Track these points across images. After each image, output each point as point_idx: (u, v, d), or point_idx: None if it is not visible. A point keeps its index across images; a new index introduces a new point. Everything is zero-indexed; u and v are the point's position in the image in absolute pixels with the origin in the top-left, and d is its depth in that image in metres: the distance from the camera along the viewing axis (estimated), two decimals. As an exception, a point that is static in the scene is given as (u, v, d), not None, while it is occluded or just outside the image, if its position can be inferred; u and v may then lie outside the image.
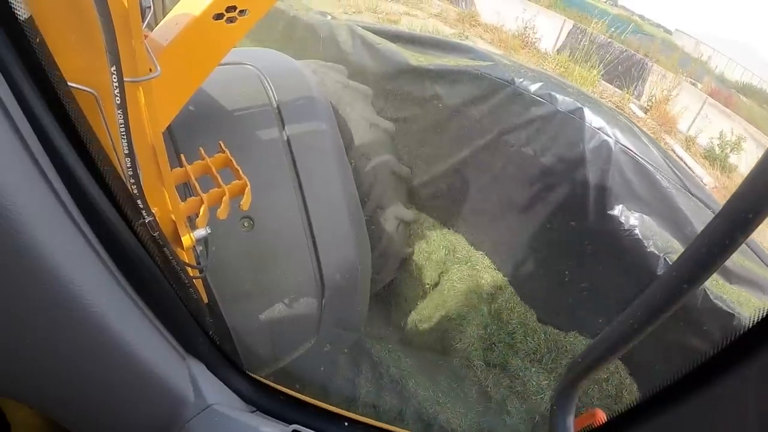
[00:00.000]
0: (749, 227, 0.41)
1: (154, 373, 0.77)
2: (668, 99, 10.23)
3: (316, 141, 2.25)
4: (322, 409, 1.03)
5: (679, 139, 9.68)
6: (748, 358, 0.43)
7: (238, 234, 1.94)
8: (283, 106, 2.17)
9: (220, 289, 1.86)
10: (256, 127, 2.07)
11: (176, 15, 1.26)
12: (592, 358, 0.62)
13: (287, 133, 2.14)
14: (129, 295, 0.73)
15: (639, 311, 0.52)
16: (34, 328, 0.60)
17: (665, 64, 12.04)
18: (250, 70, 2.24)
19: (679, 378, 0.51)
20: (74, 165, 0.64)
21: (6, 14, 0.55)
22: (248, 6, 1.31)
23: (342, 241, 2.28)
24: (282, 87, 2.23)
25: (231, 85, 2.10)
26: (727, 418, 0.47)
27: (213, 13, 1.25)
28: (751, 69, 16.70)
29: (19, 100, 0.56)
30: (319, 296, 2.19)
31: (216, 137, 1.64)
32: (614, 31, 12.73)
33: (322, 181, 2.24)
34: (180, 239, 1.27)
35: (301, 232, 2.12)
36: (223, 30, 1.29)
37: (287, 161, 2.12)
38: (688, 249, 0.47)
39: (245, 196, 1.41)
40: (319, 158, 2.25)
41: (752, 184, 0.41)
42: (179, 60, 1.23)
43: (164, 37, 1.22)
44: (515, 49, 9.60)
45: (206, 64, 1.33)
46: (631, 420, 0.60)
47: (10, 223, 0.50)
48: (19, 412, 0.95)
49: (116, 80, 0.79)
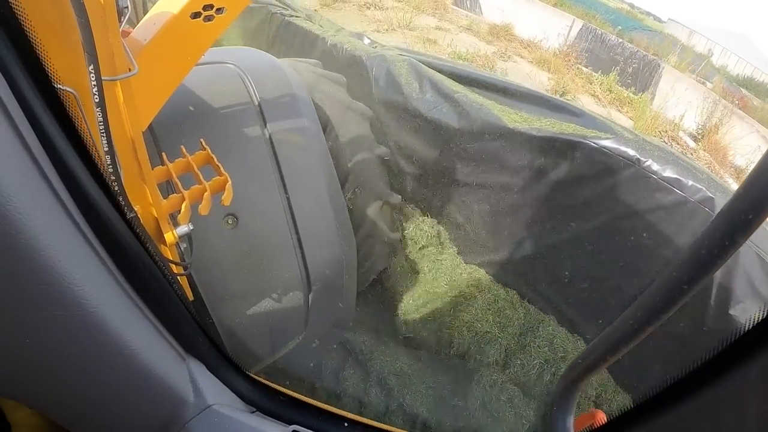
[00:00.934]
0: (749, 228, 0.41)
1: (154, 373, 0.77)
2: (718, 128, 9.62)
3: (298, 138, 2.26)
4: (321, 410, 1.03)
5: (734, 172, 9.06)
6: (748, 358, 0.43)
7: (222, 232, 1.95)
8: (264, 104, 2.18)
9: (206, 287, 1.87)
10: (238, 125, 2.08)
11: (155, 14, 1.28)
12: (593, 359, 0.62)
13: (269, 130, 2.14)
14: (129, 295, 0.73)
15: (639, 312, 0.52)
16: (33, 329, 0.60)
17: (677, 64, 11.75)
18: (231, 68, 2.24)
19: (679, 378, 0.51)
20: (74, 165, 0.64)
21: (6, 14, 0.55)
22: (225, 4, 1.33)
23: (326, 237, 2.29)
24: (263, 85, 2.23)
25: (212, 84, 2.11)
26: (727, 419, 0.47)
27: (190, 12, 1.27)
28: (747, 59, 16.64)
29: (19, 99, 0.56)
30: (306, 291, 2.20)
31: (198, 136, 1.65)
32: (621, 29, 12.54)
33: (306, 177, 2.25)
34: (163, 236, 1.29)
35: (286, 229, 2.13)
36: (200, 28, 1.31)
37: (270, 158, 2.12)
38: (687, 250, 0.47)
39: (226, 191, 1.43)
40: (302, 155, 2.26)
41: (752, 185, 0.41)
42: (158, 59, 1.25)
43: (143, 36, 1.24)
44: (560, 71, 8.81)
45: (185, 63, 1.35)
46: (631, 420, 0.60)
47: (10, 223, 0.50)
48: (19, 412, 0.95)
49: (94, 79, 0.79)
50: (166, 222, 1.31)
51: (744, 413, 0.43)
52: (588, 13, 13.45)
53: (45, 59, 0.61)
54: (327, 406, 1.04)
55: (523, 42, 10.01)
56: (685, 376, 0.50)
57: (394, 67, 3.20)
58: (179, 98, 1.87)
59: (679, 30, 19.47)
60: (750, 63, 16.42)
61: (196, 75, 1.39)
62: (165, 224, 1.30)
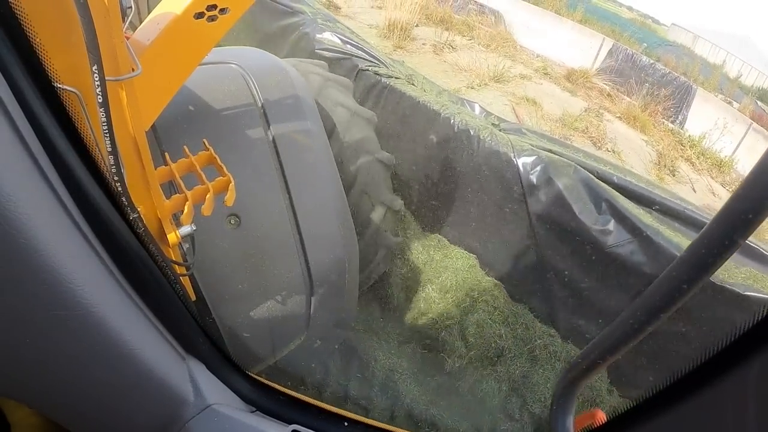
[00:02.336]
0: (748, 228, 0.41)
1: (154, 373, 0.77)
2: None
3: (301, 139, 2.26)
4: (322, 409, 1.03)
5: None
6: (748, 358, 0.43)
7: (224, 232, 1.95)
8: (267, 105, 2.18)
9: (208, 287, 1.88)
10: (241, 126, 2.08)
11: (158, 14, 1.28)
12: (592, 359, 0.62)
13: (272, 131, 2.15)
14: (129, 295, 0.73)
15: (639, 311, 0.53)
16: (34, 328, 0.60)
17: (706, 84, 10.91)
18: (234, 69, 2.24)
19: (679, 378, 0.51)
20: (74, 165, 0.64)
21: (6, 14, 0.55)
22: (228, 4, 1.33)
23: (329, 238, 2.30)
24: (266, 85, 2.23)
25: (215, 84, 2.11)
26: (726, 419, 0.47)
27: (194, 12, 1.27)
28: (750, 62, 16.47)
29: (19, 100, 0.56)
30: (308, 292, 2.20)
31: (200, 136, 1.65)
32: (647, 47, 11.90)
33: (309, 178, 2.25)
34: (165, 236, 1.29)
35: (288, 229, 2.13)
36: (204, 29, 1.31)
37: (272, 159, 2.12)
38: (687, 249, 0.47)
39: (229, 192, 1.43)
40: (305, 156, 2.26)
41: (751, 186, 0.41)
42: (161, 59, 1.25)
43: (146, 36, 1.24)
44: (649, 129, 7.78)
45: (188, 63, 1.35)
46: (631, 420, 0.60)
47: (10, 223, 0.50)
48: (19, 412, 0.96)
49: (98, 79, 0.79)
50: (169, 222, 1.31)
51: (744, 413, 0.43)
52: (614, 30, 12.76)
53: (45, 59, 0.61)
54: (327, 406, 1.04)
55: (603, 91, 8.85)
56: (685, 376, 0.50)
57: (554, 170, 2.59)
58: (182, 98, 1.87)
59: (683, 35, 19.31)
60: (755, 67, 16.24)
61: (199, 75, 1.39)
62: (168, 224, 1.30)
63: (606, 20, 14.41)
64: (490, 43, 8.83)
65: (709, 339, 2.44)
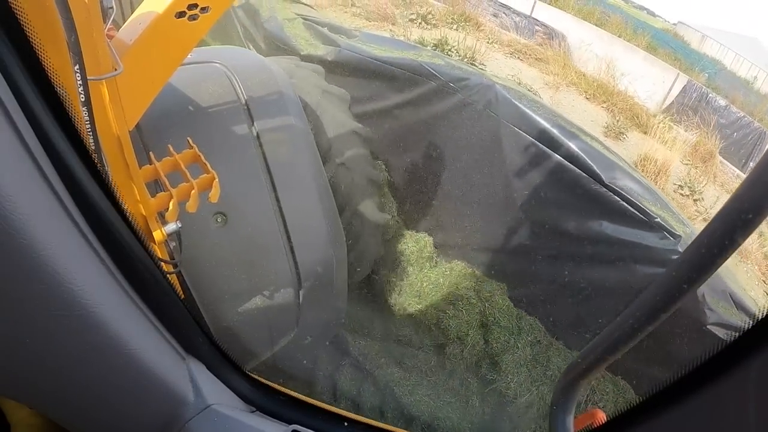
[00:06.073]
0: (749, 228, 0.41)
1: (154, 373, 0.77)
2: None
3: (285, 135, 2.27)
4: (321, 409, 1.03)
5: None
6: (748, 358, 0.43)
7: (211, 230, 1.96)
8: (251, 102, 2.19)
9: (195, 284, 1.88)
10: (226, 123, 2.09)
11: (140, 14, 1.29)
12: (592, 359, 0.62)
13: (256, 128, 2.15)
14: (129, 295, 0.73)
15: (639, 311, 0.52)
16: (34, 329, 0.60)
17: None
18: (218, 68, 2.25)
19: (679, 378, 0.51)
20: (74, 165, 0.64)
21: (6, 14, 0.55)
22: (209, 3, 1.33)
23: (316, 233, 2.31)
24: (250, 83, 2.24)
25: (199, 83, 2.11)
26: (726, 419, 0.47)
27: (175, 12, 1.27)
28: (758, 64, 16.09)
29: (19, 100, 0.56)
30: (296, 288, 2.21)
31: (185, 134, 1.66)
32: (708, 77, 10.13)
33: (294, 174, 2.26)
34: (152, 234, 1.29)
35: (275, 226, 2.14)
36: (185, 27, 1.32)
37: (258, 156, 2.13)
38: (687, 249, 0.47)
39: (213, 188, 1.44)
40: (290, 152, 2.27)
41: (751, 186, 0.41)
42: (144, 58, 1.25)
43: (129, 36, 1.24)
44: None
45: (171, 62, 1.35)
46: (631, 420, 0.60)
47: (10, 223, 0.50)
48: (19, 412, 0.95)
49: (80, 78, 0.80)
50: (155, 220, 1.32)
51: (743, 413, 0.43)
52: (684, 65, 10.21)
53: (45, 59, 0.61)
54: (327, 406, 1.04)
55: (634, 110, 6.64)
56: (685, 376, 0.50)
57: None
58: (166, 97, 1.88)
59: (690, 33, 18.97)
60: (763, 69, 15.84)
61: (183, 74, 1.39)
62: (153, 222, 1.31)
63: (670, 47, 11.69)
64: (589, 89, 6.63)
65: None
